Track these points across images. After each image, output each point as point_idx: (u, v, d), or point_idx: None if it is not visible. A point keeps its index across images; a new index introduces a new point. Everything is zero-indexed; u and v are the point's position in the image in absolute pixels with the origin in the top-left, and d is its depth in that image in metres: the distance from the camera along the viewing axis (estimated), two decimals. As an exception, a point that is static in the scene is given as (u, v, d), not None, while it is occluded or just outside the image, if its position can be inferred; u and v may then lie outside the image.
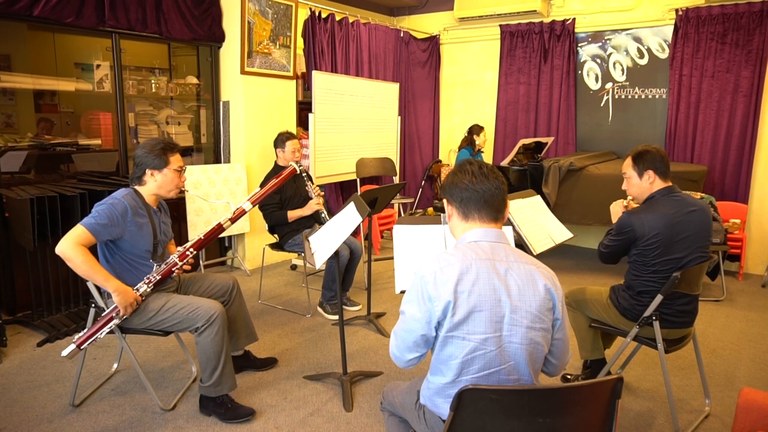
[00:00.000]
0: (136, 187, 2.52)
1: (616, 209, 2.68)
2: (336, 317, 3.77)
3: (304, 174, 3.95)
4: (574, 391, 1.36)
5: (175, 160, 2.52)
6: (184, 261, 2.53)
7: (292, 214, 3.85)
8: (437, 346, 1.50)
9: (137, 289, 2.42)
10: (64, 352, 2.34)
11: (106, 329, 2.39)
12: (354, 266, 3.90)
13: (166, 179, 2.50)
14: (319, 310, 3.94)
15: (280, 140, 4.03)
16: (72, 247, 2.26)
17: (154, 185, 2.50)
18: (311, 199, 3.90)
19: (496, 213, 1.56)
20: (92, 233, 2.31)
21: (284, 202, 3.89)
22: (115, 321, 2.40)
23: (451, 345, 1.46)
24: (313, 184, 3.98)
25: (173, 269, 2.50)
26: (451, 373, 1.48)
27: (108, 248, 2.45)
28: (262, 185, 3.87)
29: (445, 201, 1.63)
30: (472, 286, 1.44)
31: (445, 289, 1.44)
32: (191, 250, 2.55)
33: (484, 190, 1.54)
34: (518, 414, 1.33)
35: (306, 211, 3.87)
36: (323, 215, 3.86)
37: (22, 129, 4.09)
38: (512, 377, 1.48)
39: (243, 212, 2.71)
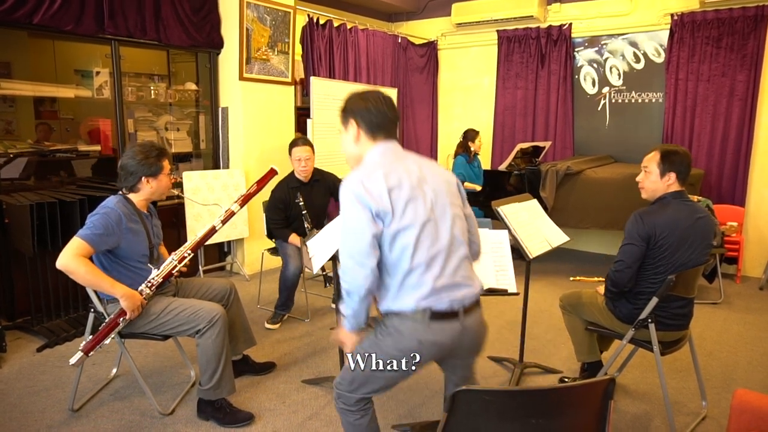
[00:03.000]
0: (127, 194, 2.53)
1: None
2: (276, 326, 3.75)
3: (303, 212, 3.59)
4: (566, 392, 1.37)
5: (167, 164, 2.55)
6: (183, 263, 2.56)
7: (293, 240, 3.71)
8: (386, 245, 1.69)
9: (140, 292, 2.45)
10: (72, 360, 2.37)
11: (112, 335, 2.41)
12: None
13: (161, 185, 2.53)
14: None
15: (290, 146, 3.77)
16: (73, 260, 2.27)
17: (148, 191, 2.52)
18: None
19: (394, 132, 1.84)
20: (90, 244, 2.32)
21: (290, 220, 3.79)
22: (121, 326, 2.42)
23: (402, 237, 1.68)
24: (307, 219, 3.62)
25: (173, 271, 2.53)
26: (407, 262, 1.68)
27: (105, 257, 2.46)
28: (270, 200, 3.84)
29: (351, 122, 1.81)
30: (399, 183, 1.69)
31: (380, 192, 1.66)
32: (189, 252, 2.57)
33: (391, 116, 1.81)
34: (511, 415, 1.34)
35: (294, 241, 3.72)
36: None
37: (22, 136, 4.11)
38: (451, 251, 1.73)
39: (232, 214, 2.76)
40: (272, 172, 3.05)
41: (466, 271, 1.77)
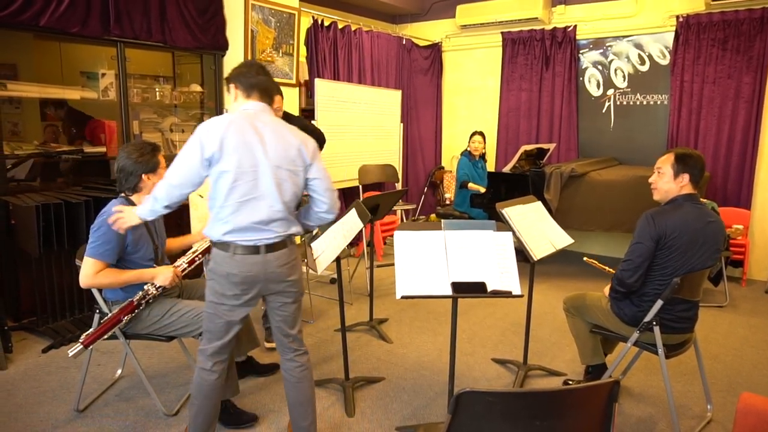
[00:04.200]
0: (129, 196, 2.51)
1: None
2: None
3: None
4: (571, 394, 1.37)
5: (162, 159, 2.54)
6: (192, 266, 2.59)
7: None
8: (212, 179, 2.02)
9: (146, 289, 2.48)
10: (71, 352, 2.34)
11: (113, 331, 2.43)
12: None
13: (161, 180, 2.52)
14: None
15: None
16: (93, 278, 2.39)
17: (151, 188, 2.49)
18: None
19: (268, 96, 2.16)
20: (104, 259, 2.39)
21: None
22: (123, 322, 2.44)
23: (224, 177, 2.00)
24: None
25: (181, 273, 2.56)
26: (222, 199, 2.02)
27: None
28: None
29: (232, 86, 2.14)
30: (236, 133, 1.99)
31: (216, 135, 1.97)
32: (199, 256, 2.58)
33: (263, 80, 2.13)
34: (515, 417, 1.34)
35: None
36: None
37: (28, 137, 4.13)
38: (264, 203, 2.03)
39: None
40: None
41: (279, 226, 2.08)
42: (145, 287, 2.46)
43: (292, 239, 2.17)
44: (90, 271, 2.37)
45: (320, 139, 3.69)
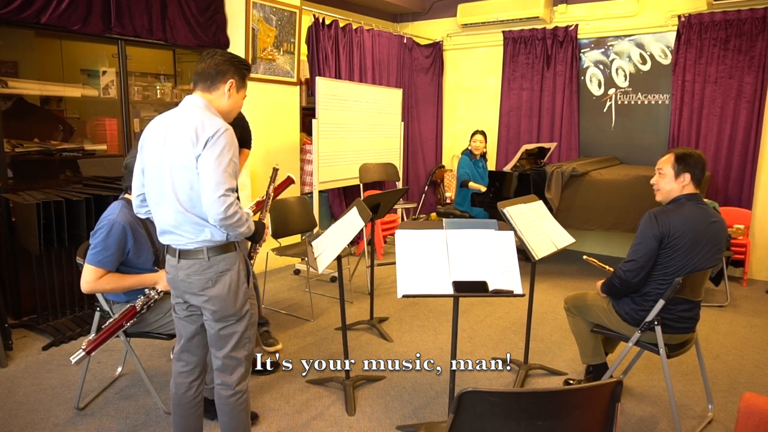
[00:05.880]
0: (130, 197, 2.49)
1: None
2: (277, 348, 3.40)
3: None
4: (573, 395, 1.36)
5: None
6: None
7: None
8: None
9: (148, 293, 2.48)
10: (74, 359, 2.34)
11: (115, 335, 2.43)
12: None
13: None
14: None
15: None
16: (94, 284, 2.39)
17: None
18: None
19: (203, 86, 2.00)
20: (105, 267, 2.38)
21: None
22: (126, 326, 2.44)
23: (139, 176, 2.01)
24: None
25: None
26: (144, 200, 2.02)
27: None
28: None
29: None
30: (150, 133, 1.95)
31: (142, 135, 1.99)
32: None
33: (199, 69, 2.01)
34: (517, 417, 1.33)
35: None
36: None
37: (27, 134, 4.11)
38: (167, 205, 1.90)
39: None
40: (289, 180, 3.00)
41: (189, 231, 1.91)
42: (147, 292, 2.46)
43: (219, 249, 1.94)
44: (91, 278, 2.37)
45: (245, 133, 3.32)
